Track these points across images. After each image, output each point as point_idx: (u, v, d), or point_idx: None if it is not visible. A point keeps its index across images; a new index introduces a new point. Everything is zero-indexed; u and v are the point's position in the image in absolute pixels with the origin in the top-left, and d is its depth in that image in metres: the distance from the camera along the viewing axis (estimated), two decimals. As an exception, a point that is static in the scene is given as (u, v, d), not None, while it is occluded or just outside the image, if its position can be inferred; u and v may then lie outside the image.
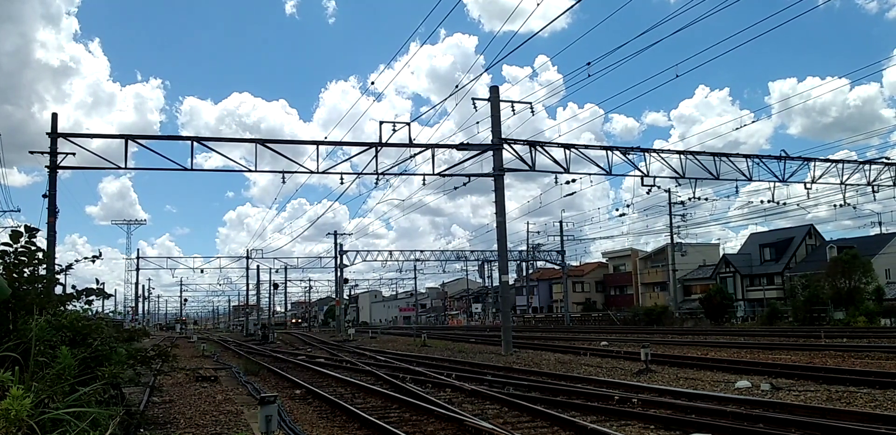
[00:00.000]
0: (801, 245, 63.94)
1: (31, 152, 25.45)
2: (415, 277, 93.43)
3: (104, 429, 4.60)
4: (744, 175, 31.52)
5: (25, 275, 6.99)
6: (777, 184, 33.27)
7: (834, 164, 33.84)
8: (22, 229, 7.08)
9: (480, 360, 22.84)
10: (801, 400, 11.70)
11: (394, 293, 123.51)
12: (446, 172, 29.41)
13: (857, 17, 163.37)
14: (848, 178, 34.04)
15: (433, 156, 28.14)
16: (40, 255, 7.18)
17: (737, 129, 48.90)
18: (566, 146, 28.99)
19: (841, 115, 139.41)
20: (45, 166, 24.79)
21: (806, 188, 34.11)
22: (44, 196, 25.02)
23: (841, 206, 37.08)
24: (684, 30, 43.58)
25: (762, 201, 37.14)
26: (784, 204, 36.78)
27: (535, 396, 12.96)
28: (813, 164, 33.17)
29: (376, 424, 10.03)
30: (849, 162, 34.53)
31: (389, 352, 28.39)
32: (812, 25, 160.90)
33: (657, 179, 31.00)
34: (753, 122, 52.41)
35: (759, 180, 32.54)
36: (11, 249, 6.91)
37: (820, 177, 33.45)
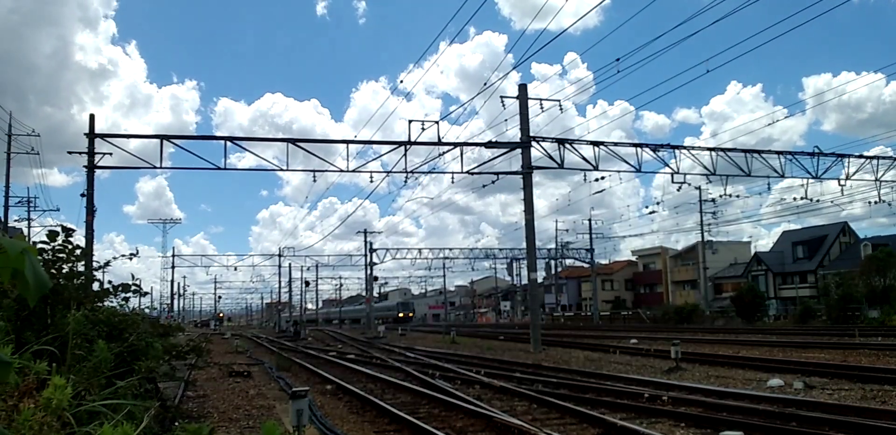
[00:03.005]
0: (834, 243, 62.82)
1: (70, 152, 26.03)
2: (444, 275, 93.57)
3: (139, 421, 4.71)
4: (776, 172, 31.10)
5: (64, 271, 7.16)
6: (810, 181, 32.76)
7: (868, 160, 33.24)
8: (59, 229, 7.25)
9: (509, 357, 22.85)
10: (834, 399, 11.55)
11: (423, 291, 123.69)
12: (475, 170, 29.41)
13: (893, 10, 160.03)
14: (883, 174, 33.43)
15: (462, 154, 28.20)
16: (78, 252, 7.34)
17: (769, 124, 48.58)
18: (595, 143, 28.84)
19: (876, 111, 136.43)
20: (84, 166, 25.31)
21: (840, 185, 33.58)
22: (82, 195, 25.58)
23: (876, 203, 36.43)
24: (715, 24, 43.10)
25: (795, 198, 36.65)
26: (817, 201, 36.24)
27: (564, 393, 12.95)
28: (847, 160, 32.64)
29: (406, 419, 10.11)
30: (884, 158, 33.88)
31: (419, 349, 28.51)
32: (846, 19, 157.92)
33: (688, 177, 30.74)
34: (786, 117, 51.80)
35: (792, 177, 32.18)
36: (49, 247, 7.08)
37: (854, 173, 32.90)
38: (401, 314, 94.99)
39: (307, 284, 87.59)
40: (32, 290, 2.17)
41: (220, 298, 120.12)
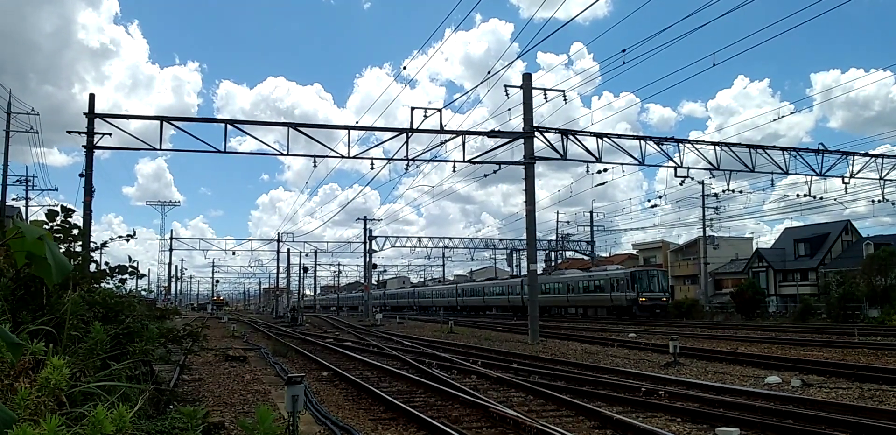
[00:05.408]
0: (836, 241, 62.72)
1: (69, 132, 25.96)
2: (443, 265, 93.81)
3: (134, 403, 4.66)
4: (780, 168, 30.97)
5: (61, 251, 7.08)
6: (814, 178, 32.67)
7: (873, 158, 33.11)
8: (58, 209, 7.19)
9: (507, 348, 22.84)
10: (832, 397, 11.52)
11: (422, 280, 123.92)
12: (477, 160, 29.31)
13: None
14: (887, 173, 33.32)
15: (464, 143, 28.12)
16: (75, 232, 7.28)
17: (775, 120, 48.08)
18: (598, 135, 28.72)
19: (884, 109, 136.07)
20: (83, 146, 25.26)
21: (844, 183, 33.48)
22: (81, 175, 25.53)
23: (879, 202, 36.33)
24: (723, 17, 42.83)
25: (798, 195, 36.48)
26: (821, 198, 36.16)
27: (561, 385, 12.92)
28: (852, 158, 32.51)
29: (401, 407, 10.09)
30: (889, 157, 33.78)
31: (416, 337, 28.52)
32: (857, 15, 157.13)
33: (691, 171, 30.66)
34: (792, 113, 51.24)
35: (796, 174, 32.02)
36: (47, 227, 7.00)
37: (859, 171, 32.77)
38: (642, 299, 46.84)
39: (305, 270, 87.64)
40: (54, 273, 2.15)
41: (217, 282, 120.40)
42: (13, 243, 2.29)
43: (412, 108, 26.90)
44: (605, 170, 30.55)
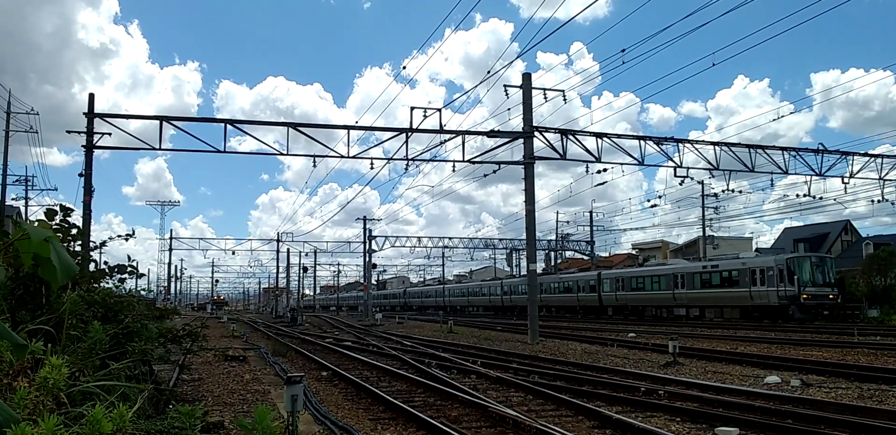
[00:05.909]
0: (836, 241, 62.73)
1: (68, 132, 25.98)
2: (443, 264, 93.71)
3: (133, 403, 4.66)
4: (780, 168, 30.99)
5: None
6: (814, 178, 32.68)
7: (873, 158, 33.13)
8: (57, 208, 7.18)
9: (506, 348, 22.84)
10: (831, 397, 11.51)
11: (422, 280, 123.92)
12: (476, 159, 29.32)
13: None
14: (887, 173, 33.34)
15: (464, 142, 28.14)
16: (74, 231, 7.27)
17: (774, 119, 48.08)
18: (598, 135, 28.72)
19: (883, 109, 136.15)
20: (82, 146, 25.28)
21: (843, 183, 33.50)
22: (80, 175, 25.55)
23: (879, 201, 36.36)
24: (723, 17, 42.78)
25: (798, 195, 36.48)
26: (821, 198, 36.16)
27: (561, 385, 12.92)
28: (851, 158, 32.54)
29: (401, 407, 10.09)
30: (889, 157, 33.79)
31: (416, 337, 28.51)
32: (857, 15, 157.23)
33: (691, 171, 30.68)
34: (792, 113, 51.24)
35: (796, 174, 32.04)
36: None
37: (858, 171, 32.79)
38: (804, 295, 35.62)
39: (305, 269, 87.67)
40: (60, 274, 2.15)
41: (217, 281, 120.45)
42: (18, 244, 2.30)
43: (412, 108, 26.94)
44: (605, 170, 30.60)
